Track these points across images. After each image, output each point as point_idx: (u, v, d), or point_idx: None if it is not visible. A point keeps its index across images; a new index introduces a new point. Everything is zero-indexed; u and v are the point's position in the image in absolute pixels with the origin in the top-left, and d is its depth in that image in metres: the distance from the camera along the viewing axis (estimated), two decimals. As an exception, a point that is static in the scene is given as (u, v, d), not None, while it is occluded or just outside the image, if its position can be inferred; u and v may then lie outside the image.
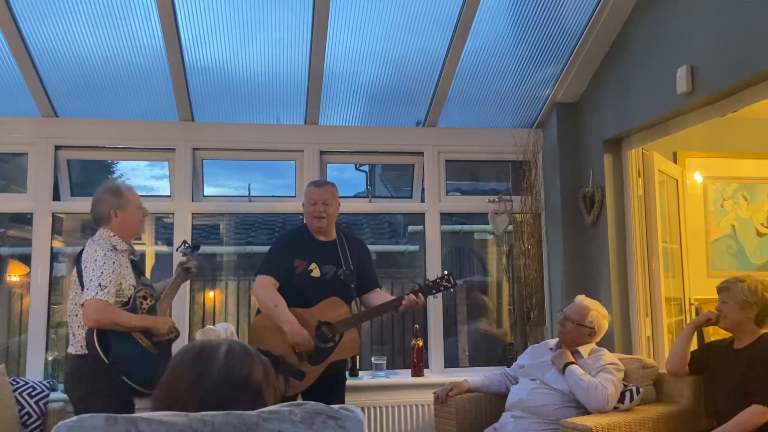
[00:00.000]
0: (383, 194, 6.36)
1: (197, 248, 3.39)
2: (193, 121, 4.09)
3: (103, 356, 2.75)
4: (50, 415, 3.47)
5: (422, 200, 4.33)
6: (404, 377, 4.07)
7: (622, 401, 3.02)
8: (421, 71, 3.97)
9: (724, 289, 2.97)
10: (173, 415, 1.09)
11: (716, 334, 3.53)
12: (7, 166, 4.50)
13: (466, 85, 4.05)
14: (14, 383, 3.49)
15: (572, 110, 4.15)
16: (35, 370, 3.78)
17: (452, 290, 3.33)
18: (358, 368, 4.03)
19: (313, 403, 1.17)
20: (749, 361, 2.82)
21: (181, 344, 2.44)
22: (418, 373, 4.04)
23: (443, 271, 3.95)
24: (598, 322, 3.24)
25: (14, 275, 4.77)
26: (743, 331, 2.92)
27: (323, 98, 4.02)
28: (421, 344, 4.07)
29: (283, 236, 3.62)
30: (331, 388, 3.23)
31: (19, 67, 3.62)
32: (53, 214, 3.96)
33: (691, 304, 4.24)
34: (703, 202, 4.52)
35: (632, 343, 3.74)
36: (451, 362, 4.36)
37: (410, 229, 6.15)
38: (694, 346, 3.19)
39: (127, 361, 2.80)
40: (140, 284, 3.00)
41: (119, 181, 3.75)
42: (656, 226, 3.82)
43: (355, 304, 3.30)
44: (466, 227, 5.38)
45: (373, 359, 4.16)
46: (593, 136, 3.97)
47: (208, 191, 4.23)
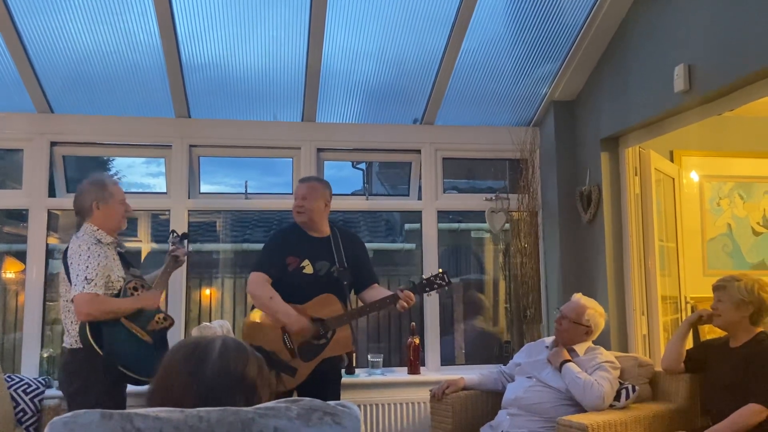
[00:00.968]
0: (380, 192, 6.34)
1: (186, 237, 3.41)
2: (189, 117, 4.08)
3: (97, 348, 2.75)
4: (45, 411, 3.46)
5: (419, 198, 4.32)
6: (400, 375, 4.06)
7: (618, 399, 3.02)
8: (418, 69, 3.96)
9: (719, 287, 2.97)
10: (169, 411, 1.09)
11: (712, 332, 3.53)
12: (2, 162, 4.48)
13: (463, 83, 4.04)
14: (9, 380, 3.48)
15: (569, 108, 4.15)
16: (30, 366, 3.77)
17: (446, 288, 3.33)
18: (354, 366, 4.03)
19: (309, 399, 1.17)
20: (744, 359, 2.82)
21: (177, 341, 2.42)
22: (414, 370, 4.04)
23: (439, 268, 3.95)
24: (594, 320, 3.25)
25: (9, 272, 4.75)
26: (738, 329, 2.92)
27: (320, 95, 4.01)
28: (417, 342, 4.07)
29: (276, 233, 3.61)
30: (326, 385, 3.21)
31: (14, 62, 3.60)
32: (49, 210, 3.94)
33: (687, 302, 4.25)
34: (699, 200, 4.53)
35: (628, 341, 3.74)
36: (447, 360, 4.36)
37: (407, 227, 6.15)
38: (689, 344, 3.20)
39: (122, 351, 2.80)
40: (129, 275, 3.00)
41: (106, 175, 3.74)
42: (653, 224, 3.83)
43: (349, 301, 3.28)
44: (462, 225, 5.38)
45: (369, 357, 4.16)
46: (590, 134, 3.97)
47: (204, 188, 4.22)
